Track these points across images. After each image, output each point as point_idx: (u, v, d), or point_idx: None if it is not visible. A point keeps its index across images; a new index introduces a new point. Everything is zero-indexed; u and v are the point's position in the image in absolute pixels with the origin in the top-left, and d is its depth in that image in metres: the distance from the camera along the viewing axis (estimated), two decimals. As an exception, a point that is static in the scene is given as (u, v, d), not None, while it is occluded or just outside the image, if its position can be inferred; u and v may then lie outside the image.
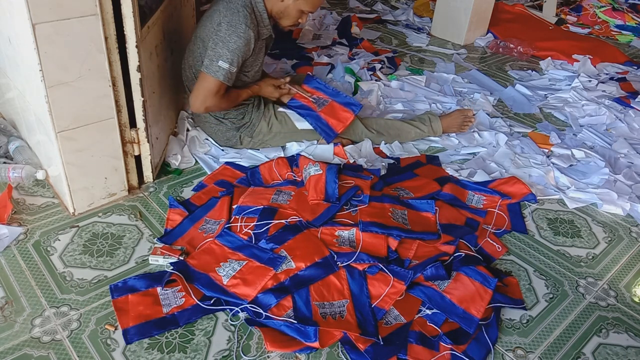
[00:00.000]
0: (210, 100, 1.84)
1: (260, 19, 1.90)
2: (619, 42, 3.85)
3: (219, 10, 1.82)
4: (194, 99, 1.87)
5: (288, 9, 1.90)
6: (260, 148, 2.12)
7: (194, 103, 1.87)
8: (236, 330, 1.39)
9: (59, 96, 1.50)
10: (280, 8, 1.90)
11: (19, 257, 1.55)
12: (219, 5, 1.84)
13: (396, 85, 2.78)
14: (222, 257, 1.54)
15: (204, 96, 1.84)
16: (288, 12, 1.91)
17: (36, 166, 1.84)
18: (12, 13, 1.46)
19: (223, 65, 1.79)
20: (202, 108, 1.87)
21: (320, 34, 3.41)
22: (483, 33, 3.65)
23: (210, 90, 1.82)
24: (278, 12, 1.91)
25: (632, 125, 2.57)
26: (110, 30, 1.52)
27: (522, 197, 1.95)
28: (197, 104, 1.86)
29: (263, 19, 1.90)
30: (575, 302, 1.57)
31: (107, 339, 1.33)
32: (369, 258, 1.52)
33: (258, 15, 1.89)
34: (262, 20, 1.91)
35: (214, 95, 1.84)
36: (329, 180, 1.76)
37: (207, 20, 1.87)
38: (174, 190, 1.89)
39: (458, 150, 2.26)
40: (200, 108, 1.88)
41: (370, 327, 1.38)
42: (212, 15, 1.85)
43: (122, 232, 1.67)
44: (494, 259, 1.69)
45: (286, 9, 1.90)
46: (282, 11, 1.91)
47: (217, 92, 1.84)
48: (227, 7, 1.81)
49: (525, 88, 2.89)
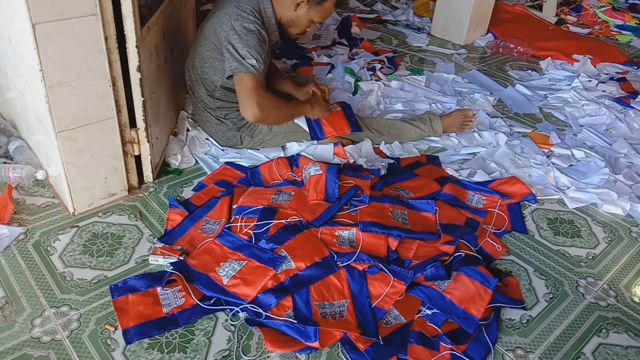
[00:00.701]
0: (257, 95, 1.77)
1: (268, 24, 1.90)
2: (619, 42, 3.85)
3: (228, 14, 1.81)
4: (242, 105, 1.80)
5: (300, 19, 1.91)
6: (260, 148, 2.12)
7: (245, 108, 1.79)
8: (236, 330, 1.39)
9: (59, 96, 1.50)
10: (291, 17, 1.91)
11: (19, 257, 1.55)
12: (227, 8, 1.83)
13: (396, 85, 2.78)
14: (222, 257, 1.54)
15: (249, 95, 1.77)
16: (299, 22, 1.93)
17: (36, 166, 1.84)
18: (12, 13, 1.46)
19: (251, 62, 1.77)
20: (255, 107, 1.77)
21: (320, 34, 3.41)
22: (483, 33, 3.65)
23: (251, 86, 1.77)
24: (289, 20, 1.92)
25: (632, 125, 2.57)
26: (110, 30, 1.52)
27: (522, 197, 1.95)
28: (248, 107, 1.78)
29: (271, 25, 1.91)
30: (575, 302, 1.57)
31: (107, 339, 1.33)
32: (369, 258, 1.52)
33: (267, 21, 1.89)
34: (270, 26, 1.91)
35: (258, 90, 1.78)
36: (329, 180, 1.76)
37: (215, 23, 1.85)
38: (174, 190, 1.89)
39: (458, 150, 2.26)
40: (254, 107, 1.77)
41: (370, 327, 1.38)
42: (222, 18, 1.83)
43: (122, 232, 1.67)
44: (494, 259, 1.69)
45: (298, 18, 1.91)
46: (293, 20, 1.92)
47: (258, 86, 1.78)
48: (237, 12, 1.81)
49: (525, 88, 2.89)
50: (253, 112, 1.79)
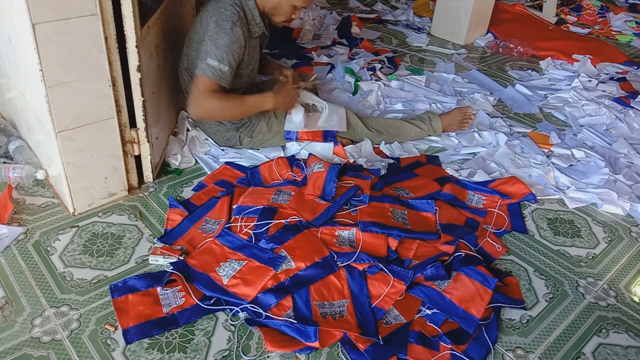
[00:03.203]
0: (203, 100, 1.80)
1: (250, 17, 1.89)
2: (619, 42, 3.85)
3: (207, 10, 1.83)
4: (189, 103, 1.85)
5: (281, 5, 1.89)
6: (260, 148, 2.12)
7: (189, 107, 1.85)
8: (236, 330, 1.39)
9: (59, 96, 1.50)
10: (272, 4, 1.89)
11: (19, 257, 1.55)
12: (208, 5, 1.85)
13: (396, 85, 2.78)
14: (222, 257, 1.54)
15: (195, 96, 1.81)
16: (281, 8, 1.90)
17: (36, 166, 1.84)
18: (12, 13, 1.46)
19: (211, 63, 1.77)
20: (197, 110, 1.83)
21: (320, 34, 3.41)
22: (483, 33, 3.65)
23: (199, 89, 1.79)
24: (271, 8, 1.90)
25: (632, 125, 2.57)
26: (110, 30, 1.52)
27: (522, 197, 1.95)
28: (192, 106, 1.83)
29: (254, 17, 1.89)
30: (575, 302, 1.57)
31: (107, 339, 1.33)
32: (369, 258, 1.52)
33: (248, 13, 1.88)
34: (254, 18, 1.89)
35: (208, 95, 1.79)
36: (329, 180, 1.76)
37: (197, 22, 1.87)
38: (174, 190, 1.89)
39: (458, 150, 2.26)
40: (195, 110, 1.84)
41: (370, 327, 1.38)
42: (202, 16, 1.85)
43: (122, 232, 1.67)
44: (494, 259, 1.69)
45: (279, 5, 1.89)
46: (274, 7, 1.90)
47: (210, 91, 1.79)
48: (215, 7, 1.81)
49: (525, 88, 2.89)
50: (194, 113, 1.87)
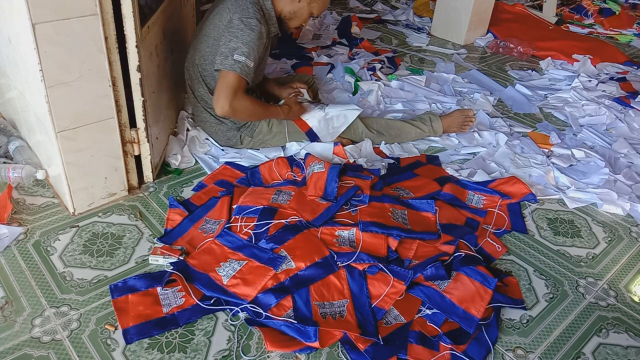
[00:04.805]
0: (233, 96, 1.78)
1: (268, 16, 1.91)
2: (619, 42, 3.85)
3: (228, 7, 1.83)
4: (216, 99, 1.80)
5: (301, 11, 1.93)
6: (260, 148, 2.12)
7: (218, 102, 1.80)
8: (236, 330, 1.39)
9: (59, 96, 1.50)
10: (293, 9, 1.92)
11: (19, 257, 1.55)
12: (227, 3, 1.85)
13: (396, 85, 2.78)
14: (222, 257, 1.54)
15: (226, 93, 1.78)
16: (300, 14, 1.95)
17: (36, 166, 1.84)
18: (12, 13, 1.46)
19: (239, 59, 1.77)
20: (227, 106, 1.79)
21: (320, 34, 3.41)
22: (483, 33, 3.65)
23: (230, 85, 1.77)
24: (289, 12, 1.93)
25: (632, 125, 2.57)
26: (110, 30, 1.52)
27: (522, 197, 1.95)
28: (221, 102, 1.79)
29: (271, 17, 1.92)
30: (575, 302, 1.57)
31: (107, 339, 1.33)
32: (369, 258, 1.52)
33: (266, 13, 1.90)
34: (270, 18, 1.92)
35: (236, 91, 1.78)
36: (330, 180, 1.76)
37: (215, 18, 1.87)
38: (174, 190, 1.89)
39: (458, 150, 2.26)
40: (225, 106, 1.79)
41: (370, 327, 1.38)
42: (222, 13, 1.85)
43: (122, 232, 1.67)
44: (494, 259, 1.69)
45: (299, 10, 1.93)
46: (294, 12, 1.93)
47: (238, 88, 1.79)
48: (236, 4, 1.82)
49: (525, 88, 2.89)
50: (223, 109, 1.81)
